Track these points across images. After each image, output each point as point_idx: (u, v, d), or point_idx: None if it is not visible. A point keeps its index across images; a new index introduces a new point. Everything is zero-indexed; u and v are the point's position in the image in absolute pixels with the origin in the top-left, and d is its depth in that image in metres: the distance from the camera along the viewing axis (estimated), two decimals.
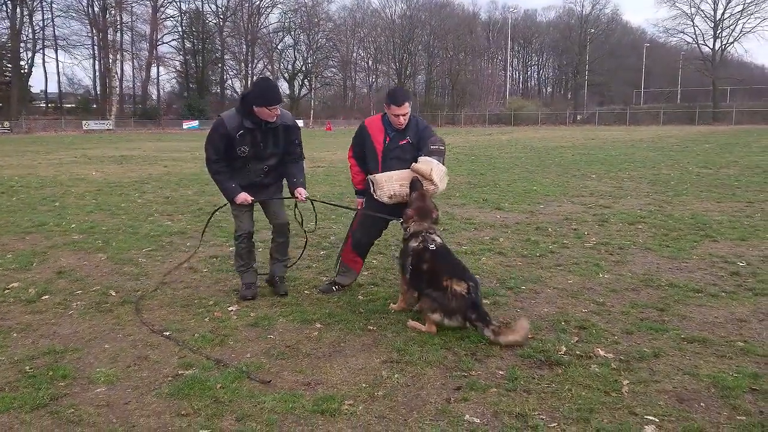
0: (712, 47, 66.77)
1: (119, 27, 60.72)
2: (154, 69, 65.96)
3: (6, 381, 3.26)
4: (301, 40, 71.92)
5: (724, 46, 67.45)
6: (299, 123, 4.96)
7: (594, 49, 77.13)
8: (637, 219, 7.89)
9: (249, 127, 4.39)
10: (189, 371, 3.37)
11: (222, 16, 68.66)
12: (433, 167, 4.27)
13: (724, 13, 65.14)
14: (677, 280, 5.08)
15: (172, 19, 66.10)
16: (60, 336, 3.96)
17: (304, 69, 72.01)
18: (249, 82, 67.07)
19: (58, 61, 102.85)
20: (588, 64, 76.77)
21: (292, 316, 4.27)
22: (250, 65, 69.84)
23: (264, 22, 71.29)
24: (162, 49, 66.44)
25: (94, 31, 60.44)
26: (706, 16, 67.54)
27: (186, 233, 7.29)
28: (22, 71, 55.79)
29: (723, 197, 9.74)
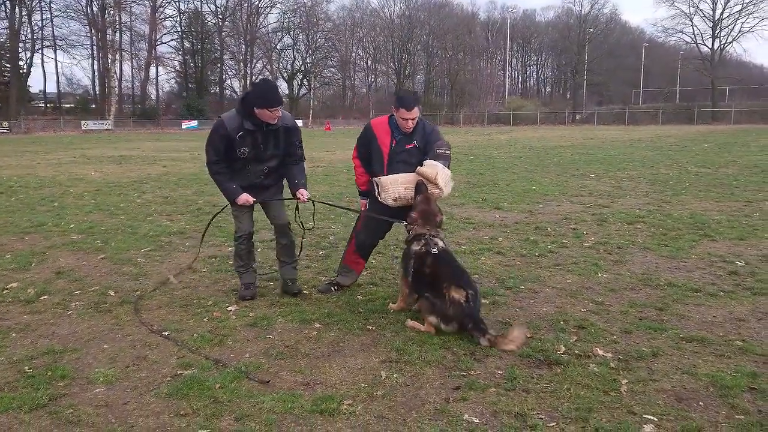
0: (710, 47, 66.96)
1: (118, 27, 60.64)
2: (153, 69, 66.07)
3: (5, 381, 3.26)
4: (300, 40, 71.98)
5: (722, 46, 67.64)
6: (298, 123, 4.94)
7: (593, 48, 77.11)
8: (635, 218, 7.90)
9: (249, 129, 4.37)
10: (188, 371, 3.37)
11: (221, 16, 68.74)
12: (438, 171, 4.25)
13: (722, 13, 65.36)
14: (676, 280, 5.08)
15: (171, 19, 66.18)
16: (59, 336, 3.96)
17: (303, 69, 71.97)
18: (248, 82, 66.99)
19: (56, 61, 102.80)
20: (587, 63, 76.71)
21: (291, 316, 4.27)
22: (249, 65, 69.87)
23: (263, 21, 71.40)
24: (161, 49, 66.55)
25: (93, 31, 60.39)
26: (705, 16, 67.94)
27: (185, 233, 7.29)
28: (21, 71, 55.70)
29: (722, 197, 9.75)
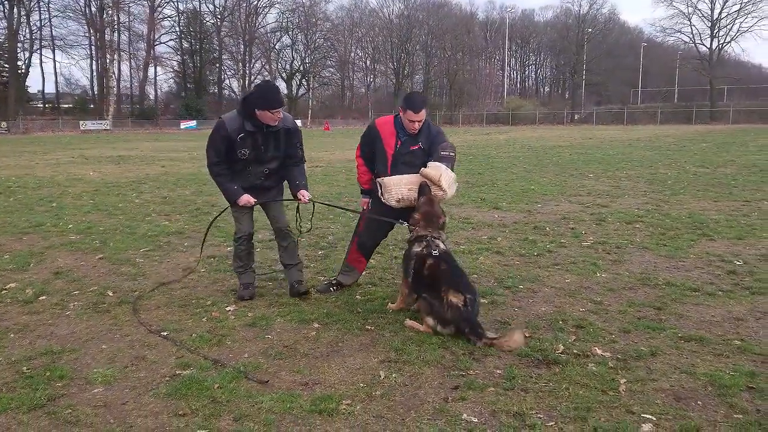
0: (709, 46, 66.98)
1: (116, 27, 60.53)
2: (151, 69, 66.13)
3: (3, 381, 3.26)
4: (299, 40, 71.94)
5: (721, 46, 67.67)
6: (298, 123, 4.94)
7: (591, 48, 77.17)
8: (634, 218, 7.90)
9: (250, 130, 4.36)
10: (186, 371, 3.37)
11: (219, 16, 68.70)
12: (442, 173, 4.24)
13: (721, 13, 65.39)
14: (674, 279, 5.09)
15: (169, 19, 66.12)
16: (57, 336, 3.95)
17: (301, 69, 71.98)
18: (247, 81, 67.09)
19: (55, 61, 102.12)
20: (585, 63, 76.76)
21: (290, 316, 4.27)
22: (247, 65, 69.83)
23: (261, 21, 71.35)
24: (159, 49, 66.60)
25: (92, 31, 60.34)
26: (703, 16, 67.96)
27: (183, 233, 7.28)
28: (20, 71, 55.64)
29: (720, 196, 9.76)
